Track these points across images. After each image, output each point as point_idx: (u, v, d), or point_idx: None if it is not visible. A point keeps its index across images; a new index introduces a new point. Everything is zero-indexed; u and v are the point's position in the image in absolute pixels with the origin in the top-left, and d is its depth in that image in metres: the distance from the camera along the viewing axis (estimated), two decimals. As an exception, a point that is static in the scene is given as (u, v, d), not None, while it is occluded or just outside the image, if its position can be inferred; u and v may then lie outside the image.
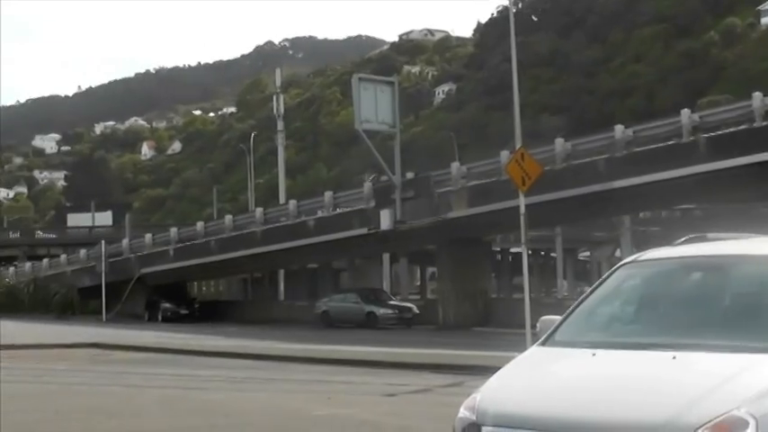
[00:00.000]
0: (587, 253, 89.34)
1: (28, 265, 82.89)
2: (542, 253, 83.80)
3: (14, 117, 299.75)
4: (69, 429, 14.31)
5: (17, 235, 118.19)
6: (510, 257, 77.18)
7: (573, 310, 7.36)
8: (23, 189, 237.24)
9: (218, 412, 15.91)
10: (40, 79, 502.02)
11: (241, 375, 22.43)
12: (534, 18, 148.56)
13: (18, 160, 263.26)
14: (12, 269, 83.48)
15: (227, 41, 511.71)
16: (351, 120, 55.53)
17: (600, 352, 6.56)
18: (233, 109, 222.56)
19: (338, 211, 53.53)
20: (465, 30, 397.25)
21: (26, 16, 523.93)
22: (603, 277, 7.71)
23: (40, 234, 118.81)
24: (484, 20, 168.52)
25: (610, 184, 39.61)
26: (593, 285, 7.70)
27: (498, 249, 74.42)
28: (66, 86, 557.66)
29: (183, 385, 20.43)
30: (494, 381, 6.64)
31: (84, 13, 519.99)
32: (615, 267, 7.76)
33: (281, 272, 67.69)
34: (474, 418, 6.25)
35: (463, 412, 6.42)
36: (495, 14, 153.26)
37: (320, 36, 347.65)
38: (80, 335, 39.49)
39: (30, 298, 73.67)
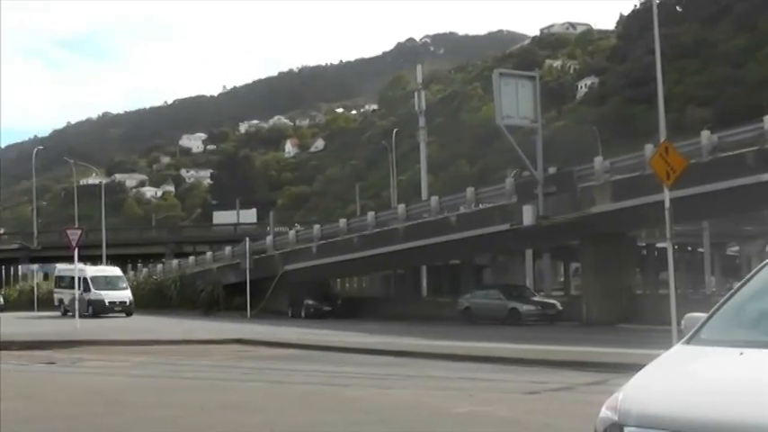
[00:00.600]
0: (736, 248, 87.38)
1: (175, 262, 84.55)
2: (689, 248, 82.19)
3: (162, 118, 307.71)
4: (213, 424, 14.43)
5: (165, 233, 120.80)
6: (655, 253, 75.73)
7: (720, 307, 7.12)
8: (171, 188, 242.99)
9: (359, 409, 15.93)
10: (186, 80, 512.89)
11: (382, 372, 22.43)
12: (678, 8, 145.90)
13: (166, 159, 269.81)
14: (159, 266, 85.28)
15: (368, 39, 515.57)
16: (492, 115, 55.19)
17: (748, 351, 6.32)
18: (375, 106, 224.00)
19: (480, 206, 53.31)
20: (607, 22, 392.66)
21: (171, 17, 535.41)
22: (753, 272, 7.43)
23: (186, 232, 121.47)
24: (626, 11, 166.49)
25: (759, 177, 38.53)
26: (742, 281, 7.42)
27: (643, 245, 73.14)
28: (212, 87, 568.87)
29: (324, 381, 20.51)
30: (637, 380, 6.44)
31: (227, 14, 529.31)
32: (766, 262, 7.47)
33: (424, 268, 67.68)
34: (616, 418, 6.07)
35: (605, 412, 6.25)
36: (638, 6, 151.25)
37: (461, 32, 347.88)
38: (224, 331, 40.09)
39: (177, 294, 75.12)
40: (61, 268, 69.99)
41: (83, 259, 56.65)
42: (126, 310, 61.73)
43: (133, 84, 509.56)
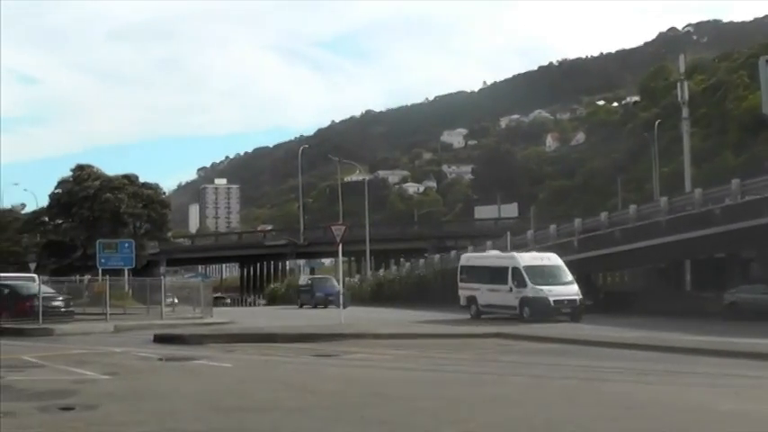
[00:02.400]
0: None
1: (437, 257, 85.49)
2: None
3: (423, 114, 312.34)
4: (472, 417, 14.54)
5: (427, 228, 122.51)
6: None
7: None
8: (433, 183, 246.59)
9: (620, 404, 15.74)
10: (446, 77, 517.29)
11: (644, 367, 22.04)
12: None
13: (427, 155, 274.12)
14: (422, 261, 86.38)
15: (629, 29, 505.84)
16: (759, 104, 53.52)
17: None
18: (636, 98, 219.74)
19: (746, 198, 51.74)
20: None
21: (428, 14, 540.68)
22: None
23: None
24: None
25: None
26: None
27: None
28: (472, 82, 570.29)
29: (585, 376, 20.36)
30: None
31: (485, 9, 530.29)
32: None
33: (687, 262, 66.11)
34: None
35: None
36: None
37: (725, 19, 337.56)
38: (485, 325, 40.36)
39: (440, 289, 75.69)
40: (473, 256, 58.49)
41: (346, 255, 56.40)
42: (574, 312, 46.73)
43: (394, 82, 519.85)
